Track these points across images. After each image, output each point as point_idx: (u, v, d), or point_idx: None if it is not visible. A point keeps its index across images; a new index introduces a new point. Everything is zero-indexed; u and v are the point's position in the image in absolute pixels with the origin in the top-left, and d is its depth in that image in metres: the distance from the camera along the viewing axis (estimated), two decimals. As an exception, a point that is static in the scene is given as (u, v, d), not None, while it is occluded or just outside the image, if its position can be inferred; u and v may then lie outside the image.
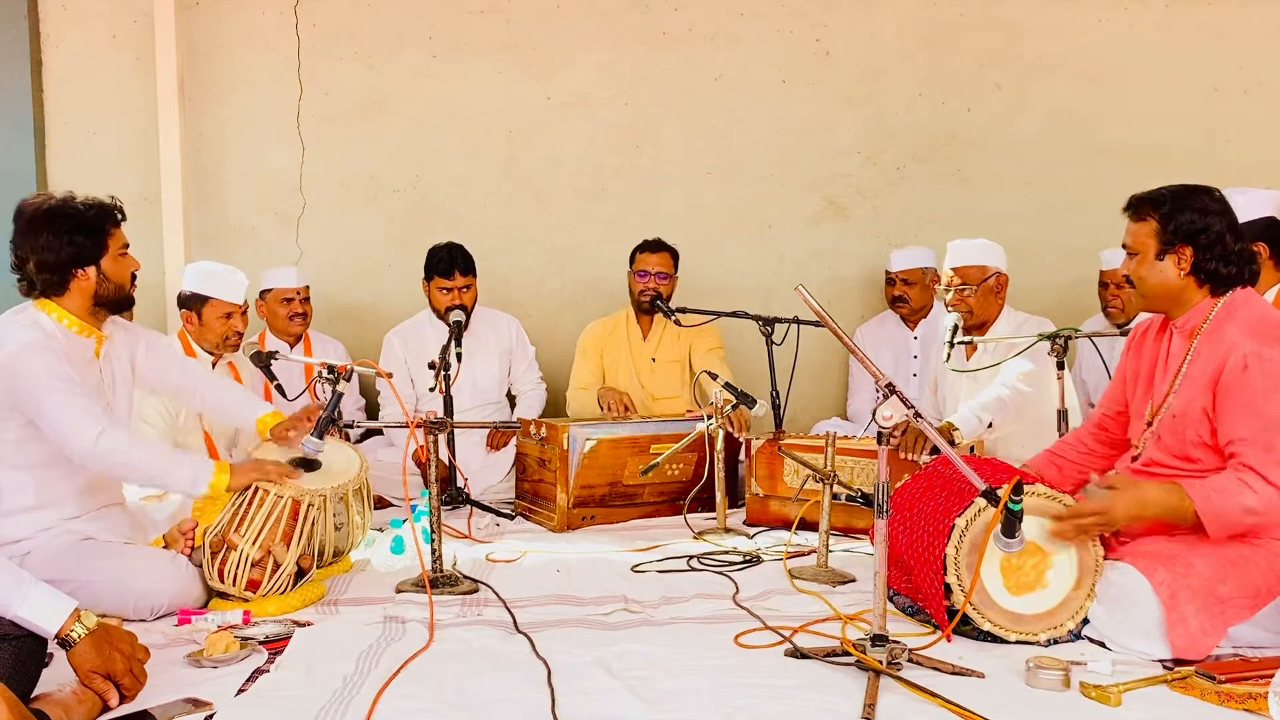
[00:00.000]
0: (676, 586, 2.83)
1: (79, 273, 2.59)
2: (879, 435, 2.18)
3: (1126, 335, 2.78)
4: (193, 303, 3.66)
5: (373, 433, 4.45)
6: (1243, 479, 2.26)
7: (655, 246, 4.31)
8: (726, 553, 3.21)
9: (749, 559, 3.12)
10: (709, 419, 3.53)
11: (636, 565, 3.07)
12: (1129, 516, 2.33)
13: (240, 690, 2.11)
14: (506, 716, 1.96)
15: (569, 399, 4.44)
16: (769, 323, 3.82)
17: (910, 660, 2.16)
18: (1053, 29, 4.80)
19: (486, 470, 4.18)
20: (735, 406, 3.58)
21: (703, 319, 4.15)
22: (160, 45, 4.57)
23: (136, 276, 2.74)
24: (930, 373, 4.05)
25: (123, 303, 2.69)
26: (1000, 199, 4.83)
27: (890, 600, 2.56)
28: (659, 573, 3.00)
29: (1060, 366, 3.26)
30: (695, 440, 3.58)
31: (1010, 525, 2.23)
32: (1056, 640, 2.33)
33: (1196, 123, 4.77)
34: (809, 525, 3.25)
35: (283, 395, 3.54)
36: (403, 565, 3.07)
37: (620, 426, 3.77)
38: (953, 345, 3.52)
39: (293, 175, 4.78)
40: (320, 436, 2.80)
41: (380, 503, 3.87)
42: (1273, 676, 1.89)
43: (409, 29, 4.78)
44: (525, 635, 2.41)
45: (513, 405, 4.54)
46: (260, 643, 2.35)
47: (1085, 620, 2.36)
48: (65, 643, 1.94)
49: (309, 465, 2.83)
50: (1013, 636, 2.32)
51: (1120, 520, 2.33)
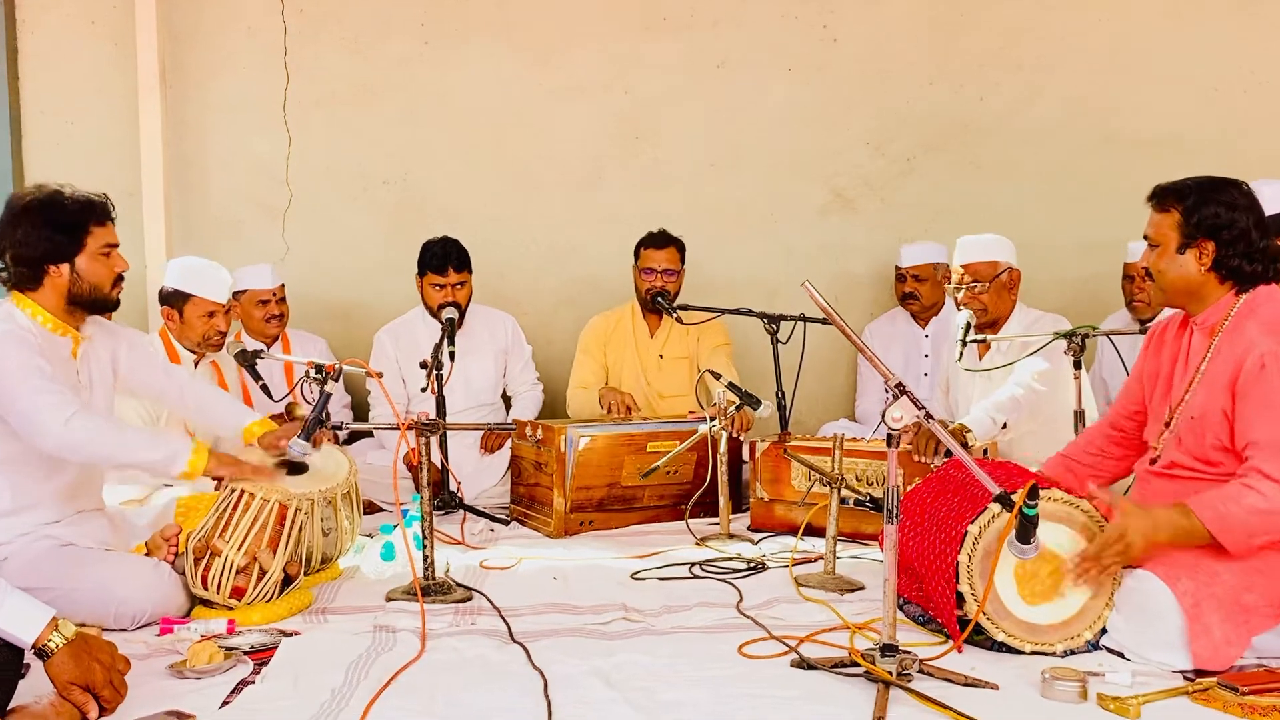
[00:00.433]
0: (678, 594, 2.83)
1: (52, 269, 2.59)
2: (888, 437, 2.18)
3: (1146, 334, 2.78)
4: (174, 300, 3.65)
5: (362, 435, 4.45)
6: (1247, 483, 2.27)
7: (661, 241, 4.31)
8: (730, 559, 3.21)
9: (753, 566, 3.12)
10: (712, 420, 3.53)
11: (636, 572, 3.07)
12: (1145, 542, 2.31)
13: (225, 702, 2.10)
14: (501, 730, 1.97)
15: (569, 398, 4.44)
16: (774, 320, 3.82)
17: (921, 671, 2.16)
18: (1069, 13, 4.80)
19: (481, 474, 4.18)
20: (739, 407, 3.58)
21: (705, 316, 4.16)
22: (140, 31, 4.57)
23: (123, 279, 2.72)
24: (942, 373, 4.05)
25: (100, 304, 2.68)
26: (1015, 190, 4.83)
27: (900, 609, 2.55)
28: (660, 580, 3.00)
29: (1077, 366, 3.26)
30: (697, 443, 3.58)
31: (1025, 531, 2.23)
32: (1073, 651, 2.33)
33: (1219, 111, 4.76)
34: (815, 531, 3.25)
35: (268, 396, 3.54)
36: (393, 572, 3.07)
37: (620, 426, 3.77)
38: (965, 344, 3.53)
39: (279, 166, 4.77)
40: (308, 439, 2.79)
41: (370, 507, 3.86)
42: (1298, 688, 1.90)
43: (399, 13, 4.78)
44: (521, 645, 2.40)
45: (508, 407, 4.54)
46: (245, 653, 2.35)
47: (1103, 630, 2.36)
48: (42, 653, 1.94)
49: (296, 468, 2.82)
50: (1028, 647, 2.31)
51: (1138, 546, 2.31)
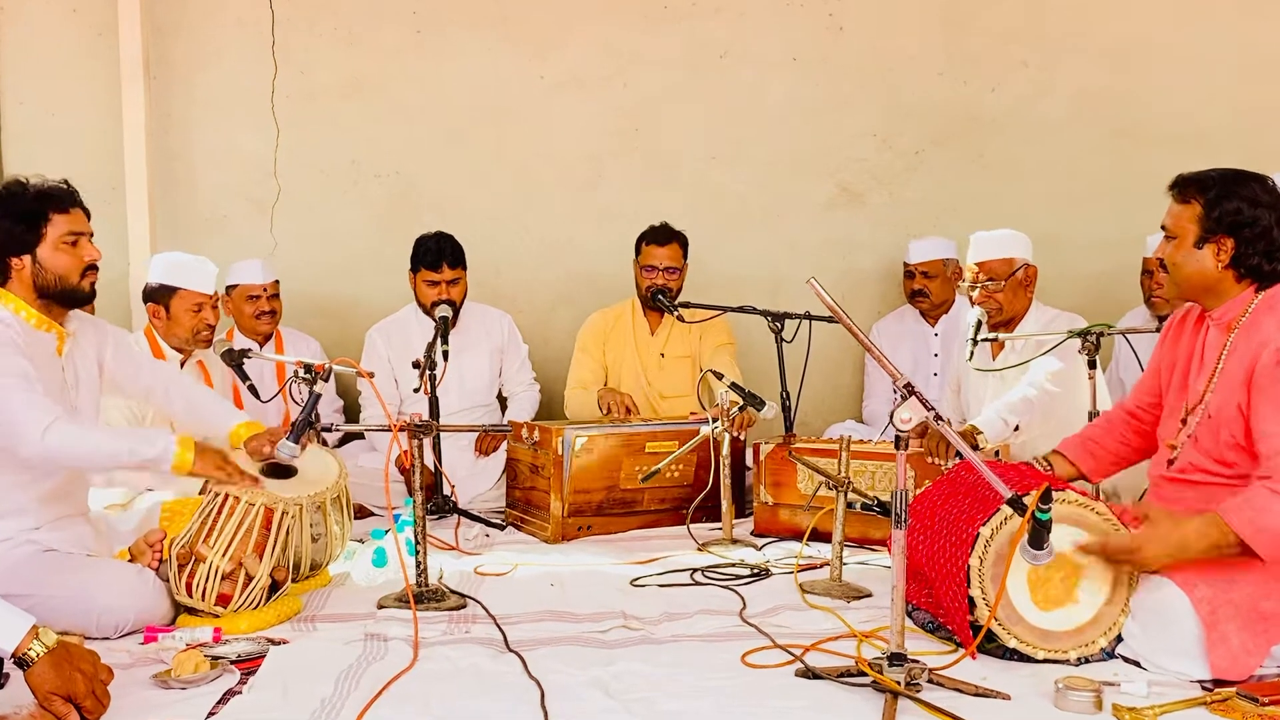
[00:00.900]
0: (679, 602, 2.83)
1: (15, 261, 2.59)
2: (897, 439, 2.18)
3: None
4: (159, 295, 3.65)
5: (353, 437, 4.45)
6: (1274, 487, 2.26)
7: (663, 237, 4.31)
8: (733, 565, 3.21)
9: (757, 572, 3.12)
10: (714, 422, 3.53)
11: (636, 579, 3.08)
12: (1166, 558, 2.30)
13: (210, 713, 2.10)
14: (497, 741, 1.97)
15: (567, 398, 4.44)
16: (778, 318, 3.82)
17: (930, 681, 2.16)
18: (1082, 4, 4.80)
19: (475, 477, 4.18)
20: (743, 408, 3.58)
21: (707, 314, 4.16)
22: (123, 20, 4.56)
23: (95, 269, 2.71)
24: (952, 372, 4.05)
25: (70, 296, 2.66)
26: (1026, 185, 4.83)
27: (909, 616, 2.56)
28: (660, 587, 3.01)
29: (1092, 365, 3.27)
30: (699, 445, 3.58)
31: (1038, 535, 2.23)
32: (1088, 659, 2.32)
33: (1236, 103, 4.76)
34: (822, 536, 3.24)
35: (256, 396, 3.54)
36: (385, 579, 3.06)
37: (618, 428, 3.77)
38: (976, 343, 3.52)
39: (267, 160, 4.77)
40: (296, 441, 2.79)
41: (361, 512, 3.86)
42: (1320, 698, 1.89)
43: (391, 3, 4.78)
44: (517, 654, 2.40)
45: (504, 408, 4.54)
46: (232, 662, 2.35)
47: (1119, 638, 2.36)
48: (22, 662, 1.94)
49: (284, 471, 2.83)
50: (1041, 655, 2.31)
51: (1153, 563, 2.30)
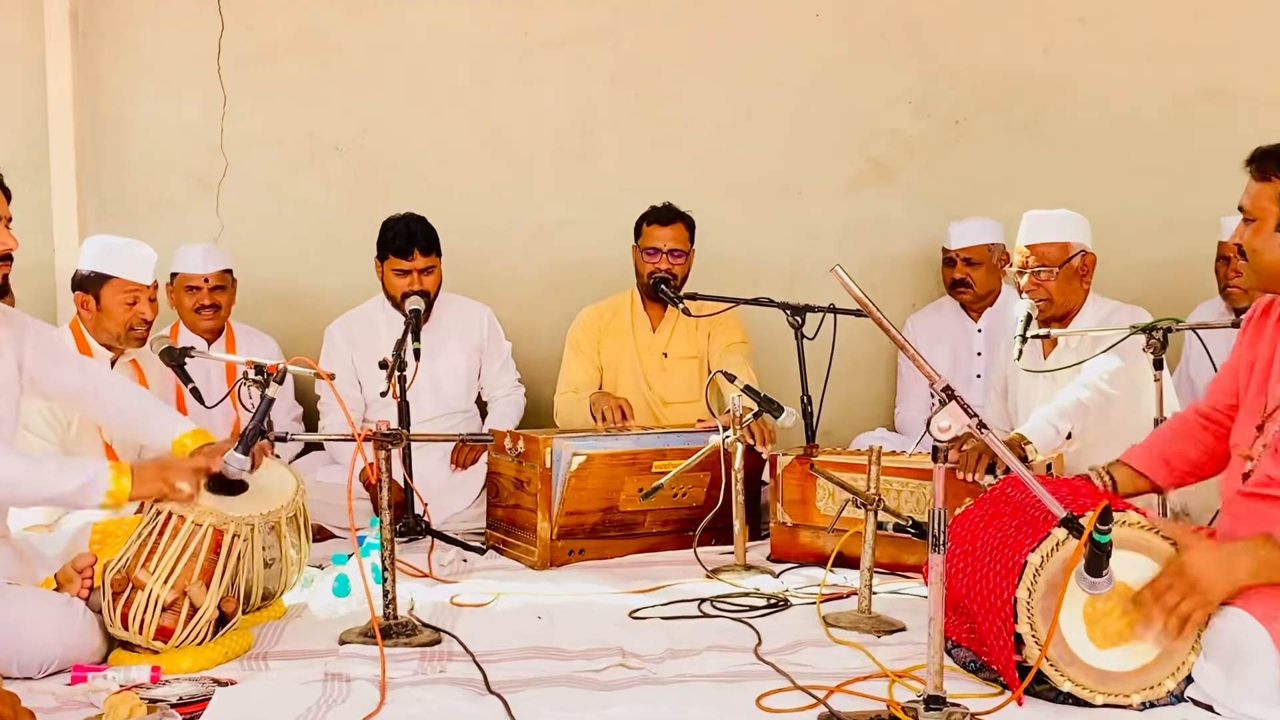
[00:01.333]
0: (685, 636, 2.84)
1: None
2: (934, 451, 2.19)
3: (1239, 326, 2.78)
4: (89, 284, 3.66)
5: (312, 447, 4.45)
6: None
7: (666, 216, 4.33)
8: (747, 595, 3.21)
9: (774, 603, 3.13)
10: (725, 431, 3.53)
11: (636, 610, 3.08)
12: (1219, 583, 2.30)
13: (148, 764, 2.11)
14: (476, 796, 1.98)
15: (557, 404, 4.45)
16: (799, 312, 3.83)
17: (973, 727, 2.17)
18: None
19: (451, 494, 4.19)
20: (757, 415, 3.58)
21: (717, 307, 4.16)
22: (48, -34, 4.58)
23: (9, 259, 2.71)
24: (998, 374, 4.05)
25: None
26: (1085, 159, 4.83)
27: (948, 654, 2.56)
28: (663, 619, 3.01)
29: (1158, 366, 3.26)
30: (708, 457, 3.58)
31: (1097, 562, 2.23)
32: (1153, 703, 2.33)
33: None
34: (848, 561, 3.25)
35: (200, 401, 3.53)
36: (348, 610, 3.06)
37: (616, 439, 3.78)
38: (1025, 340, 3.52)
39: (212, 131, 4.78)
40: (246, 452, 2.79)
41: (320, 534, 3.87)
42: None
43: (356, -51, 4.80)
44: (498, 696, 2.41)
45: (484, 414, 4.55)
46: (172, 705, 2.35)
47: (1189, 679, 2.36)
48: (-68, 706, 1.95)
49: (233, 487, 2.82)
50: (1099, 699, 2.31)
51: (1211, 588, 2.30)
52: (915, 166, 4.90)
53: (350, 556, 3.20)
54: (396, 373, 3.74)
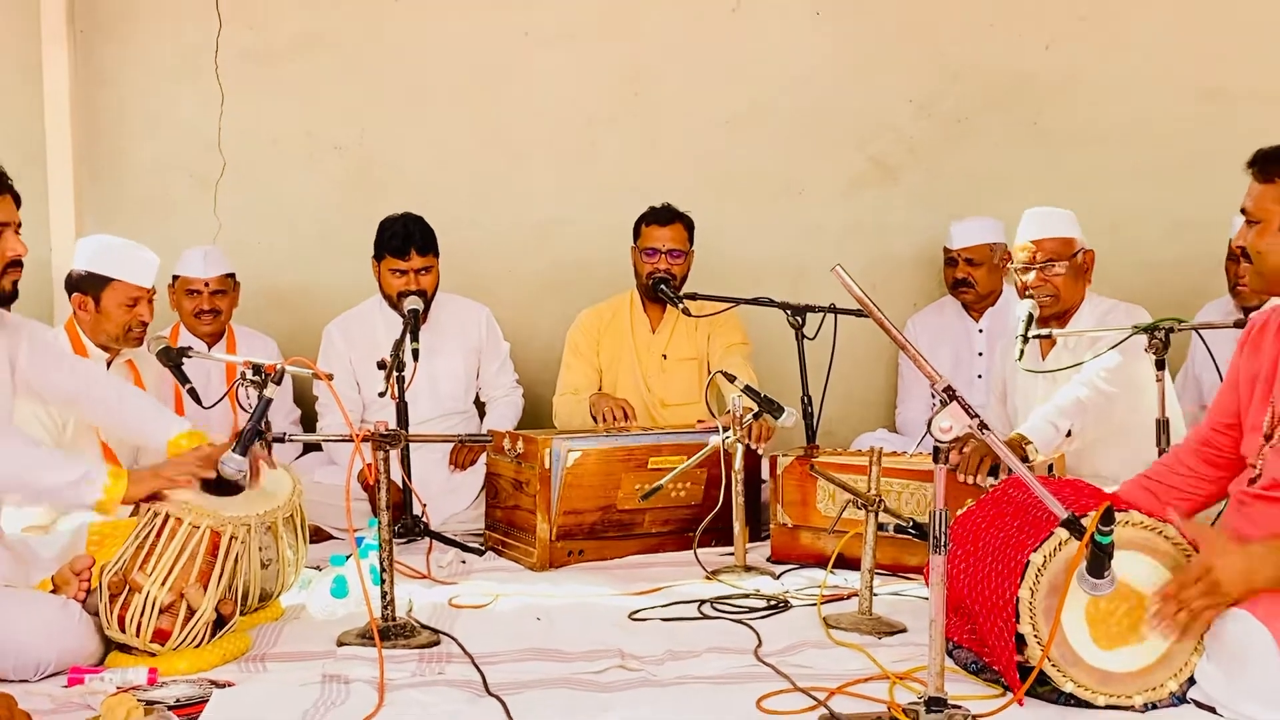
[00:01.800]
0: (685, 638, 2.84)
1: None
2: (936, 451, 2.19)
3: (1244, 326, 2.78)
4: (88, 285, 3.66)
5: (310, 448, 4.45)
6: None
7: (665, 216, 4.33)
8: (747, 596, 3.21)
9: (775, 604, 3.13)
10: (725, 431, 3.54)
11: (635, 612, 3.08)
12: (1238, 585, 2.30)
13: (145, 766, 2.12)
14: (474, 799, 1.98)
15: (556, 406, 4.45)
16: (799, 312, 3.83)
17: (974, 729, 2.17)
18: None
19: (450, 495, 4.19)
20: (758, 416, 3.58)
21: (717, 307, 4.16)
22: (45, -35, 4.58)
23: (19, 265, 2.71)
24: (996, 377, 4.05)
25: None
26: (1088, 158, 4.84)
27: (949, 655, 2.55)
28: (663, 621, 3.01)
29: (1160, 366, 3.27)
30: (708, 457, 3.58)
31: (1098, 562, 2.23)
32: (1155, 704, 2.33)
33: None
34: (849, 563, 3.25)
35: (197, 402, 3.54)
36: (346, 612, 3.06)
37: (615, 439, 3.77)
38: (1027, 339, 3.53)
39: (210, 129, 4.78)
40: (243, 453, 2.80)
41: (318, 535, 3.87)
42: None
43: (354, -53, 4.81)
44: (497, 698, 2.41)
45: (482, 415, 4.55)
46: (170, 708, 2.35)
47: (1191, 680, 2.36)
48: (-72, 708, 1.95)
49: (230, 488, 2.83)
50: (1101, 700, 2.31)
51: (1231, 589, 2.30)
52: (916, 166, 4.91)
53: (348, 558, 3.20)
54: (395, 373, 3.74)
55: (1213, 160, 4.47)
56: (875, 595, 3.00)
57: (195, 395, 3.54)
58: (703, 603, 3.14)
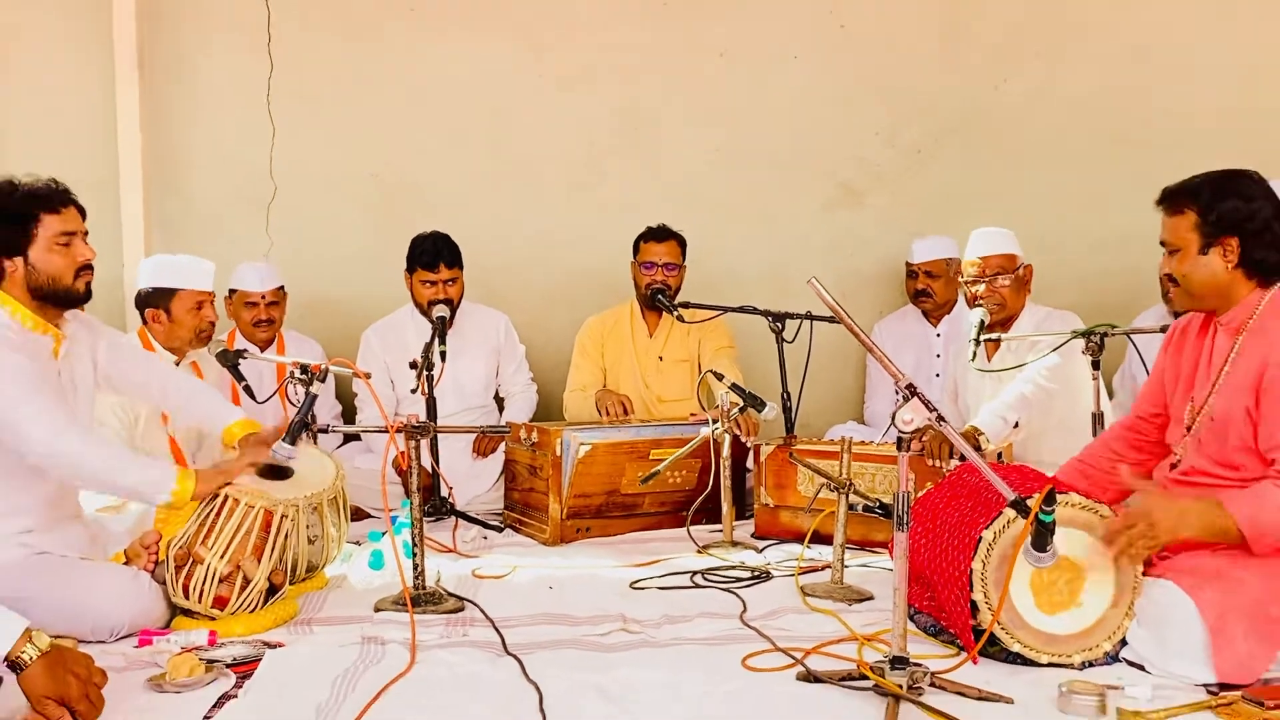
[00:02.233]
0: (679, 605, 2.84)
1: (7, 263, 2.60)
2: (899, 441, 2.19)
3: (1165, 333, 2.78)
4: (158, 299, 3.64)
5: (350, 438, 4.45)
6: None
7: (661, 235, 4.33)
8: (733, 568, 3.21)
9: (758, 575, 3.12)
10: (714, 423, 3.53)
11: (635, 582, 3.08)
12: (1172, 530, 2.32)
13: (206, 717, 2.11)
14: (495, 745, 1.97)
15: (566, 401, 4.44)
16: (779, 318, 3.83)
17: (932, 684, 2.16)
18: (1080, 5, 4.80)
19: (473, 479, 4.18)
20: (743, 409, 3.58)
21: (708, 314, 4.16)
22: (118, 16, 4.58)
23: (90, 269, 2.71)
24: (949, 379, 4.06)
25: (64, 297, 2.66)
26: (1032, 182, 4.83)
27: (911, 619, 2.56)
28: (660, 590, 3.01)
29: (1095, 366, 3.27)
30: (699, 446, 3.58)
31: (1042, 538, 2.23)
32: (1092, 663, 2.33)
33: (1249, 100, 4.74)
34: (823, 538, 3.25)
35: (251, 397, 3.54)
36: (382, 582, 3.07)
37: (618, 431, 3.77)
38: (979, 343, 3.53)
39: (262, 159, 4.78)
40: (293, 442, 2.80)
41: (358, 514, 3.86)
42: (1326, 702, 1.90)
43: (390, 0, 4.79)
44: (515, 657, 2.41)
45: (501, 409, 4.55)
46: (227, 665, 2.35)
47: (1123, 641, 2.36)
48: (15, 665, 1.94)
49: (281, 473, 2.83)
50: (1044, 658, 2.32)
51: (1165, 532, 2.31)
52: (881, 190, 4.90)
53: (384, 534, 3.21)
54: (424, 372, 3.74)
55: (1134, 186, 4.44)
56: (846, 567, 3.00)
57: (250, 392, 3.54)
58: (695, 574, 3.14)
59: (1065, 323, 3.56)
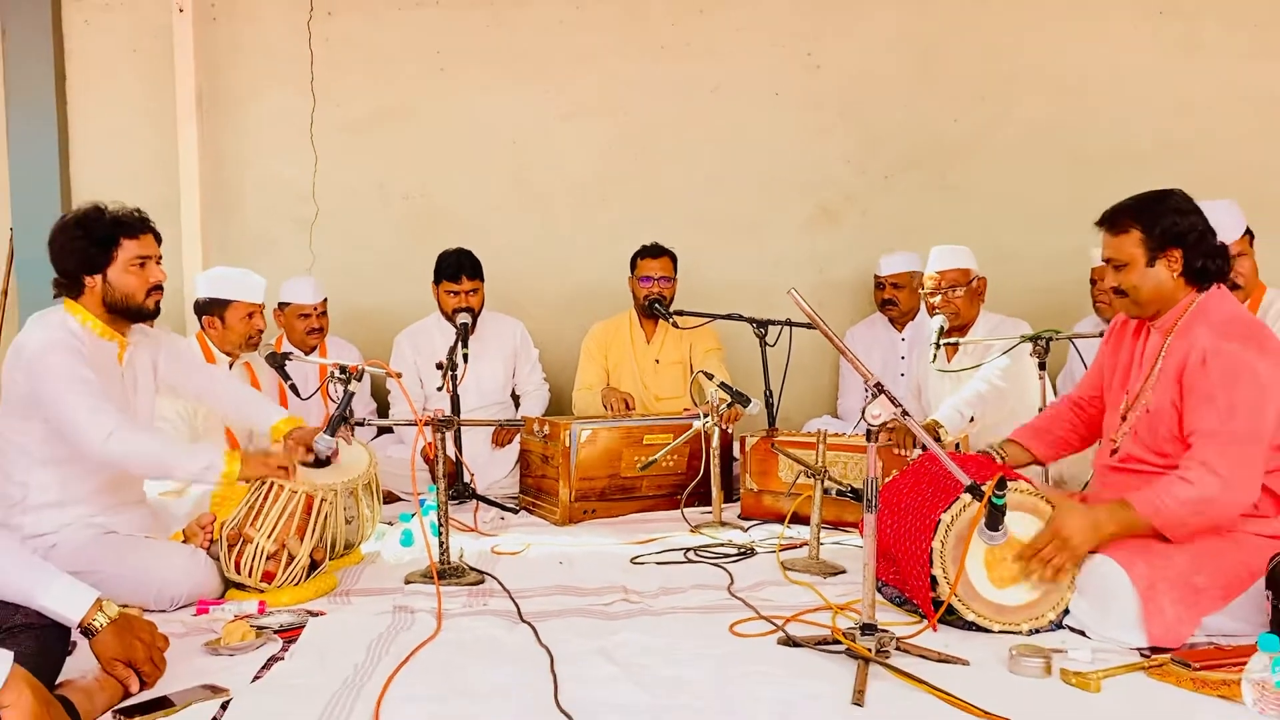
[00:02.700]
0: (674, 578, 2.84)
1: (88, 279, 2.60)
2: (868, 432, 2.19)
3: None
4: (214, 308, 3.64)
5: (383, 430, 4.45)
6: (1181, 475, 2.28)
7: (656, 252, 4.33)
8: (722, 545, 3.21)
9: (743, 551, 3.12)
10: (705, 417, 3.53)
11: (636, 557, 3.08)
12: (1086, 540, 2.31)
13: (256, 677, 2.11)
14: (511, 703, 1.97)
15: (575, 399, 4.44)
16: (763, 324, 3.83)
17: (898, 648, 2.17)
18: (1034, 44, 4.79)
19: (492, 466, 4.18)
20: (730, 405, 3.58)
21: (700, 321, 4.16)
22: (179, 58, 4.59)
23: (160, 289, 2.70)
24: (913, 379, 4.05)
25: (135, 312, 2.66)
26: (985, 205, 4.82)
27: (879, 591, 2.55)
28: (657, 564, 3.01)
29: (1042, 366, 3.28)
30: (691, 438, 3.58)
31: (994, 519, 2.23)
32: (1038, 630, 2.33)
33: (1179, 129, 4.74)
34: (801, 519, 3.25)
35: (297, 395, 3.55)
36: (411, 557, 3.07)
37: (619, 423, 3.77)
38: (939, 346, 3.53)
39: (306, 183, 4.78)
40: (332, 434, 2.80)
41: (390, 497, 3.86)
42: (1245, 664, 1.90)
43: (418, 43, 4.80)
44: (529, 625, 2.41)
45: (517, 405, 4.55)
46: (275, 631, 2.36)
47: (1066, 611, 2.36)
48: (88, 631, 1.94)
49: (322, 462, 2.83)
50: (996, 626, 2.32)
51: (1080, 545, 2.31)
52: (853, 211, 4.90)
53: (413, 515, 3.21)
54: (449, 373, 3.73)
55: (1078, 207, 4.45)
56: (822, 544, 3.00)
57: (295, 390, 3.55)
58: (688, 550, 3.14)
59: (1016, 329, 3.56)
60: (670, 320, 4.21)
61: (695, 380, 3.79)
